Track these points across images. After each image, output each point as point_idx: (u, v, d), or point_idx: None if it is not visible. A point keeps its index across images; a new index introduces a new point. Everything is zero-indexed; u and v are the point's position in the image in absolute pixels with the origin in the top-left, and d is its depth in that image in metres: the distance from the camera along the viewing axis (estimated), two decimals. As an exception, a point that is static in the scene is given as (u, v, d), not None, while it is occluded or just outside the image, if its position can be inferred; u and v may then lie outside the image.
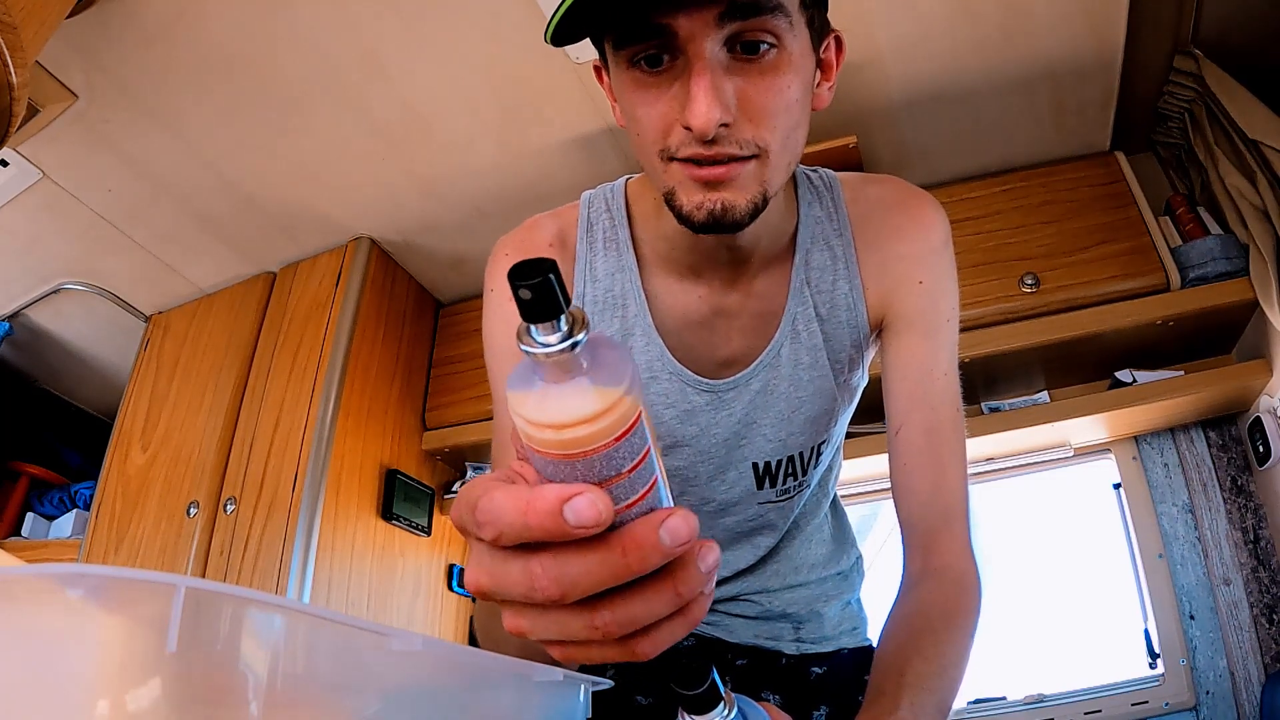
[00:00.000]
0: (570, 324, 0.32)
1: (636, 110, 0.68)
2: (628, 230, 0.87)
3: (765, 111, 0.66)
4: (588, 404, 0.33)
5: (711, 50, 0.63)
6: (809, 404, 0.88)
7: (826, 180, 0.90)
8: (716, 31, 0.63)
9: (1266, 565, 1.95)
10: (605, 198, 0.90)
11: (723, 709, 0.49)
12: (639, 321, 0.86)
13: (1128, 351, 2.01)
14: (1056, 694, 1.99)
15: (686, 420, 0.88)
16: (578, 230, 0.88)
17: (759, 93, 0.65)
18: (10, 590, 0.29)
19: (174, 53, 1.70)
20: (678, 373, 0.87)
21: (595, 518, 0.33)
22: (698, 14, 0.62)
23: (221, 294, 2.44)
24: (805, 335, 0.87)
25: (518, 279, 0.31)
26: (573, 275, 0.87)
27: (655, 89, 0.66)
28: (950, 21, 1.76)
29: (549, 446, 0.34)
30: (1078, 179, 2.09)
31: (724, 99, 0.63)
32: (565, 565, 0.35)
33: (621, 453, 0.35)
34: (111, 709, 0.30)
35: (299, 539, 1.91)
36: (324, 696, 0.42)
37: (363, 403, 2.19)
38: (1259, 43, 1.83)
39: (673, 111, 0.66)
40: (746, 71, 0.65)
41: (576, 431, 0.33)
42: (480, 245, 2.33)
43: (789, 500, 0.96)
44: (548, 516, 0.33)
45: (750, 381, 0.87)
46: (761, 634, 1.01)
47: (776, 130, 0.67)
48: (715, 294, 0.85)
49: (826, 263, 0.86)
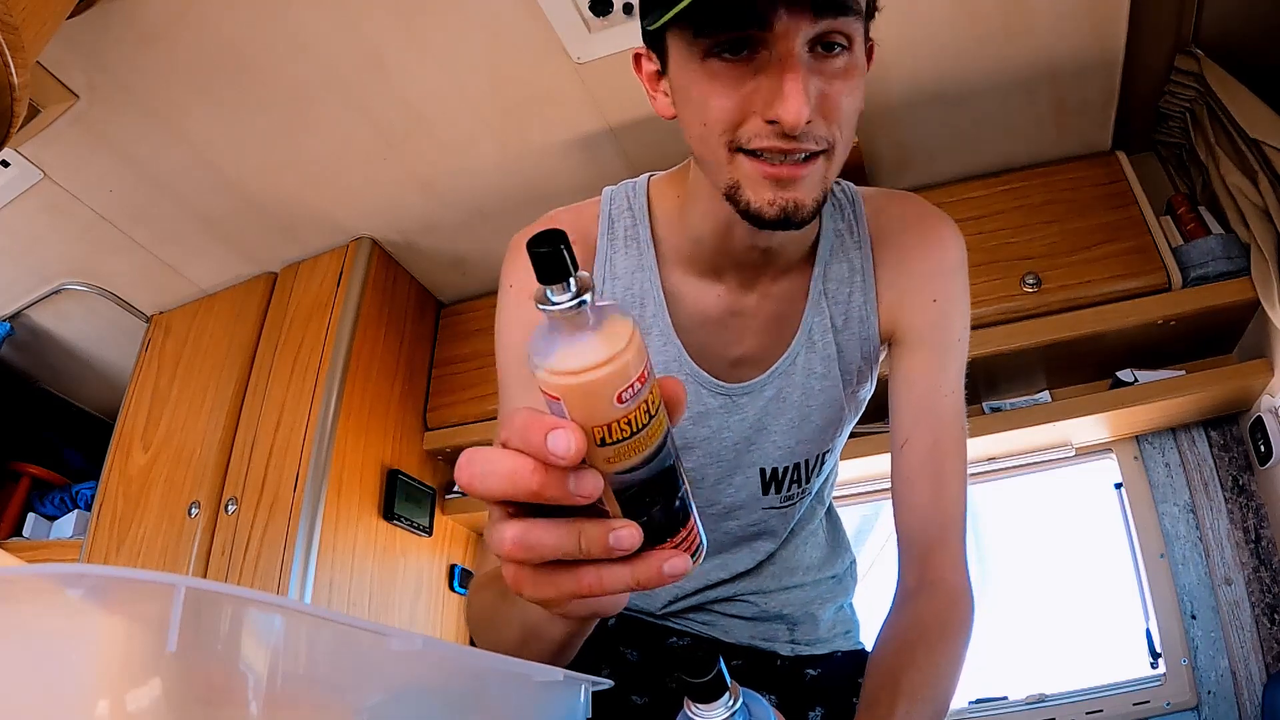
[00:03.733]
0: (579, 286, 0.39)
1: (710, 100, 0.69)
2: (649, 229, 0.88)
3: (839, 110, 0.68)
4: (597, 352, 0.39)
5: (800, 48, 0.65)
6: (819, 413, 0.90)
7: (849, 194, 0.91)
8: (809, 28, 0.65)
9: (1268, 565, 1.94)
10: (627, 195, 0.90)
11: (728, 699, 0.50)
12: (657, 321, 0.87)
13: (1129, 351, 2.00)
14: (1058, 694, 1.99)
15: (700, 422, 0.89)
16: (599, 226, 0.89)
17: (835, 92, 0.68)
18: (11, 590, 0.29)
19: (175, 53, 1.70)
20: (694, 374, 0.87)
21: (566, 449, 0.40)
22: (795, 10, 0.64)
23: (222, 294, 2.44)
24: (820, 345, 0.88)
25: (535, 245, 0.38)
26: (592, 271, 0.88)
27: (733, 80, 0.68)
28: (951, 21, 1.76)
29: (556, 390, 0.40)
30: (1079, 178, 2.08)
31: (811, 97, 0.65)
32: (533, 532, 0.44)
33: (622, 408, 0.40)
34: (112, 709, 0.30)
35: (300, 539, 1.91)
36: (324, 696, 0.42)
37: (364, 403, 2.19)
38: (1260, 42, 1.82)
39: (750, 104, 0.67)
40: (823, 71, 0.67)
41: (580, 378, 0.39)
42: (481, 245, 2.33)
43: (791, 506, 0.97)
44: (536, 434, 0.40)
45: (764, 388, 0.88)
46: (757, 635, 1.02)
47: (845, 129, 0.70)
48: (733, 294, 0.86)
49: (844, 275, 0.88)
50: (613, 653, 1.00)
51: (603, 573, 0.45)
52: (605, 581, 0.45)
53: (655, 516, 0.45)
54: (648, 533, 0.44)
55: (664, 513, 0.45)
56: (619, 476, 0.43)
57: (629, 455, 0.42)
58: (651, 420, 0.42)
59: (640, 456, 0.42)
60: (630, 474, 0.43)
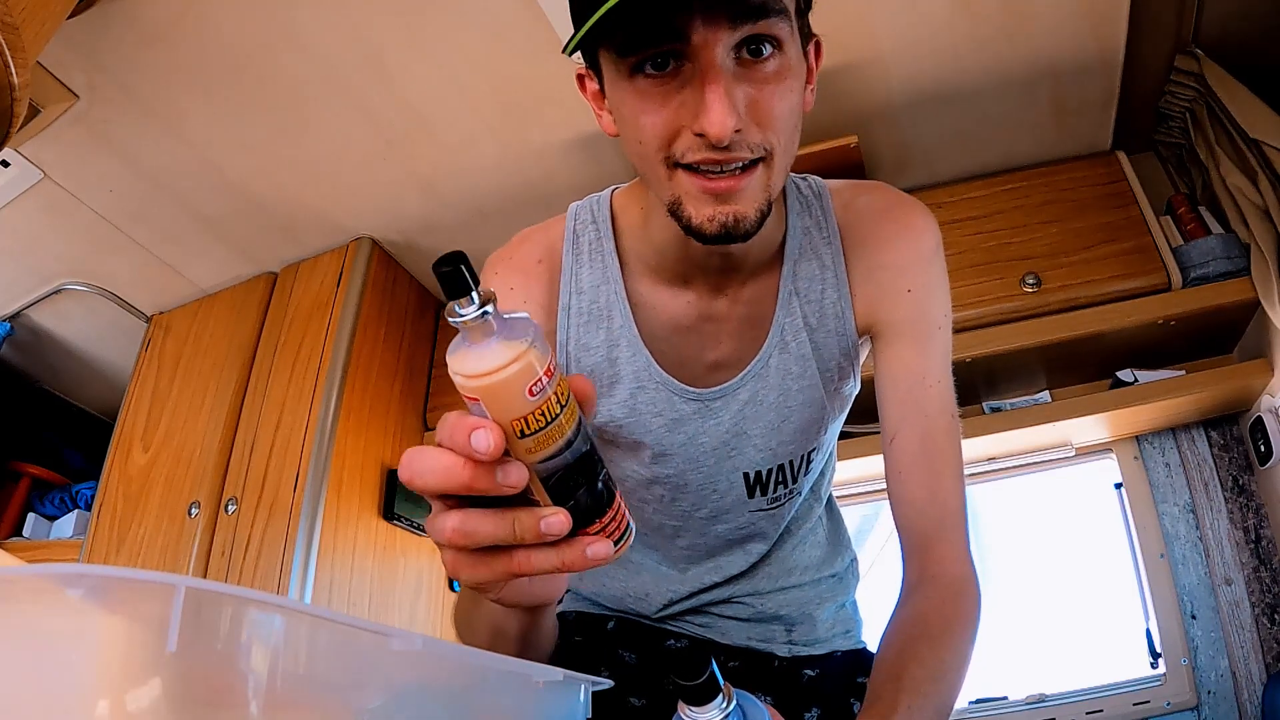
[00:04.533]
0: (481, 299, 0.44)
1: (641, 118, 0.68)
2: (613, 241, 0.88)
3: (771, 115, 0.67)
4: (503, 354, 0.45)
5: (722, 57, 0.64)
6: (798, 414, 0.89)
7: (815, 189, 0.90)
8: (729, 36, 0.64)
9: (1268, 565, 1.94)
10: (591, 209, 0.91)
11: (721, 701, 0.50)
12: (624, 333, 0.87)
13: (1129, 351, 2.00)
14: (1058, 694, 1.99)
15: (674, 429, 0.89)
16: (564, 242, 0.89)
17: (765, 97, 0.67)
18: (11, 590, 0.29)
19: (175, 53, 1.70)
20: (664, 382, 0.87)
21: (486, 445, 0.45)
22: (711, 18, 0.63)
23: (223, 294, 2.44)
24: (794, 345, 0.87)
25: (439, 266, 0.43)
26: (558, 287, 0.88)
27: (659, 96, 0.67)
28: (951, 21, 1.76)
29: (474, 392, 0.46)
30: (1079, 178, 2.08)
31: (736, 105, 0.64)
32: (470, 521, 0.49)
33: (534, 400, 0.45)
34: (111, 709, 0.30)
35: (300, 539, 1.91)
36: (324, 696, 0.42)
37: (364, 402, 2.19)
38: (1260, 42, 1.82)
39: (679, 118, 0.67)
40: (752, 77, 0.66)
41: (492, 379, 0.45)
42: (481, 245, 2.30)
43: (780, 508, 0.96)
44: (460, 434, 0.45)
45: (738, 391, 0.88)
46: (754, 636, 1.01)
47: (781, 133, 0.68)
48: (703, 300, 0.85)
49: (815, 272, 0.87)
50: (611, 655, 1.00)
51: (532, 555, 0.50)
52: (535, 562, 0.50)
53: (581, 500, 0.50)
54: (575, 516, 0.49)
55: (589, 495, 0.50)
56: (542, 465, 0.48)
57: (547, 444, 0.47)
58: (563, 410, 0.47)
59: (557, 444, 0.47)
60: (551, 461, 0.48)
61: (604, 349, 0.87)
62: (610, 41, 0.68)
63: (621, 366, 0.87)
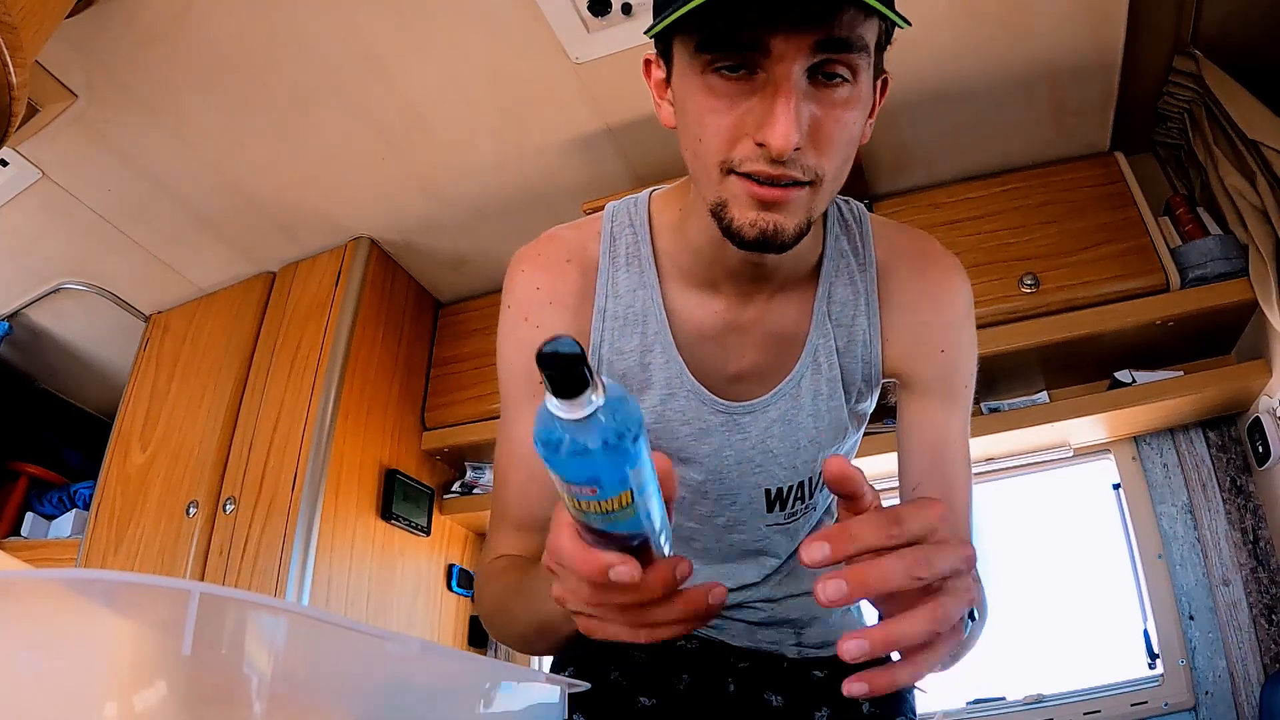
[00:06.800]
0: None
1: (705, 117, 0.68)
2: (650, 246, 0.88)
3: (830, 141, 0.67)
4: None
5: (797, 74, 0.64)
6: (824, 434, 0.90)
7: (857, 214, 0.91)
8: (807, 58, 0.64)
9: (1266, 565, 1.95)
10: (629, 211, 0.91)
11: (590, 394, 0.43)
12: (659, 339, 0.87)
13: (1127, 352, 2.01)
14: (1056, 694, 1.99)
15: (700, 438, 0.89)
16: (600, 244, 0.89)
17: (829, 122, 0.67)
18: (23, 594, 0.29)
19: (174, 52, 1.70)
20: (695, 391, 0.87)
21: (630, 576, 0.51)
22: (795, 37, 0.63)
23: (221, 294, 2.43)
24: (826, 367, 0.88)
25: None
26: (594, 289, 0.88)
27: (729, 99, 0.67)
28: (950, 21, 1.76)
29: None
30: (1077, 179, 2.09)
31: (801, 123, 0.64)
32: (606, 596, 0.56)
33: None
34: (120, 711, 0.30)
35: (298, 539, 1.91)
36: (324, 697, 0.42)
37: (362, 402, 2.19)
38: (1259, 43, 1.83)
39: (745, 125, 0.67)
40: (820, 100, 0.66)
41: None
42: (480, 245, 2.32)
43: (795, 522, 0.97)
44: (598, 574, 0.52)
45: (768, 408, 0.89)
46: (763, 639, 1.02)
47: (835, 161, 0.69)
48: (731, 309, 0.86)
49: (849, 297, 0.88)
50: (622, 655, 1.00)
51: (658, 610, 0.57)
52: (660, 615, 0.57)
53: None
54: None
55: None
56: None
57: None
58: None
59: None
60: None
61: (637, 354, 0.87)
62: (689, 34, 0.67)
63: (654, 372, 0.87)
